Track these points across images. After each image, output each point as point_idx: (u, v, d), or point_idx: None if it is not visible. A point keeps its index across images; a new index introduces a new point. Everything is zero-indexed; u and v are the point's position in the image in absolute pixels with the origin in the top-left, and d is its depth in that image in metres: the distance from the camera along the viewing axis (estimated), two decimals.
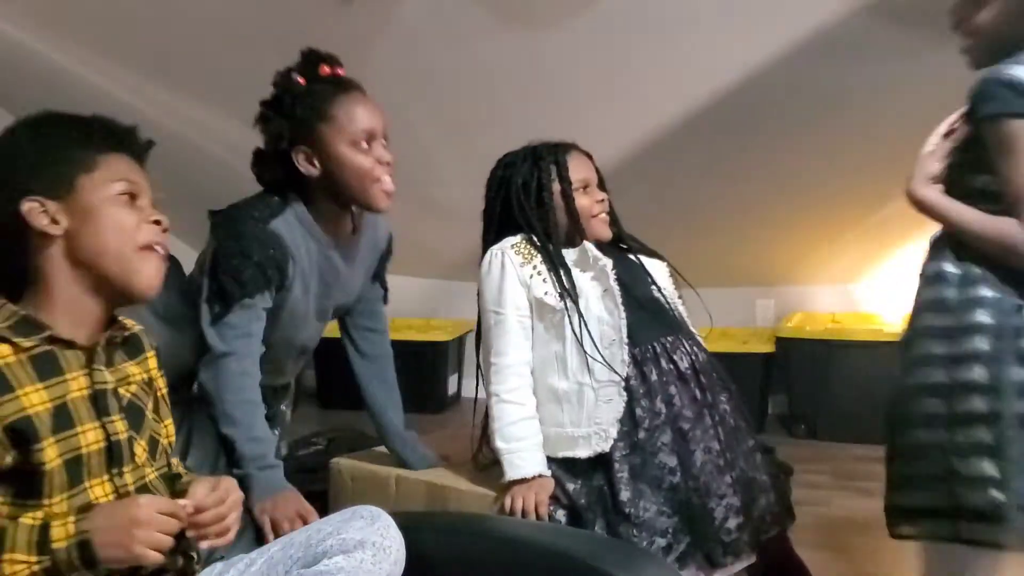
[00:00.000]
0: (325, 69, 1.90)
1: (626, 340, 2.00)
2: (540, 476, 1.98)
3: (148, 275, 1.38)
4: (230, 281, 1.83)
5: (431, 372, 4.64)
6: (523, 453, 2.00)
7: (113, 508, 1.25)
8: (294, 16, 3.28)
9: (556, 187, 2.11)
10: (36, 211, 1.33)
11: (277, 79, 1.91)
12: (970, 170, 1.67)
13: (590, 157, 2.20)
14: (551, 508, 1.95)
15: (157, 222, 1.40)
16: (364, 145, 1.88)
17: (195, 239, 2.07)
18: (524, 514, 1.94)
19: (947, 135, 1.72)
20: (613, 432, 1.96)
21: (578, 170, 2.14)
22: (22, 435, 1.23)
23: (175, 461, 1.51)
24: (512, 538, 1.68)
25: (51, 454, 1.25)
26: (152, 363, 1.48)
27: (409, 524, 1.48)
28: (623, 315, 2.02)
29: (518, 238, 2.11)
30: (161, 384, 1.50)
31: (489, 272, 2.09)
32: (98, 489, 1.30)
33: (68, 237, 1.34)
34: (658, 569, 1.61)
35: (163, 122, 3.90)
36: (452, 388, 4.85)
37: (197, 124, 3.95)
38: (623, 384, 1.98)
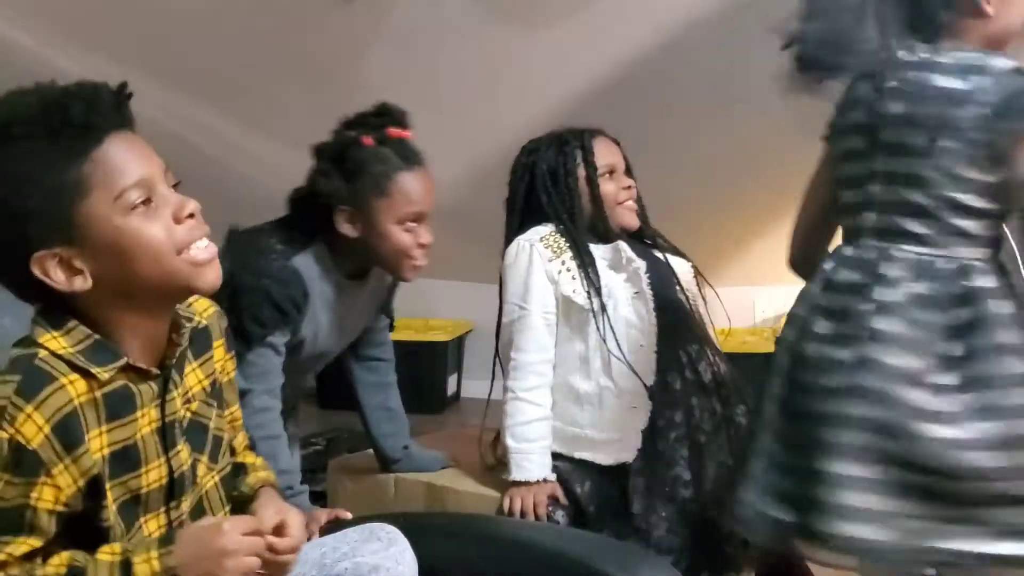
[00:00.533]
0: (394, 132, 1.88)
1: (655, 347, 1.97)
2: (543, 481, 1.96)
3: (206, 276, 1.18)
4: (250, 321, 1.81)
5: (430, 372, 4.62)
6: (530, 456, 1.98)
7: (198, 539, 1.13)
8: (294, 15, 3.28)
9: (581, 172, 2.07)
10: (51, 266, 1.10)
11: (345, 139, 1.87)
12: None
13: (618, 143, 2.16)
14: (550, 509, 1.94)
15: (191, 216, 1.16)
16: (410, 225, 1.87)
17: None
18: (523, 515, 1.94)
19: None
20: (637, 442, 1.93)
21: (604, 155, 2.10)
22: (96, 488, 1.13)
23: (240, 439, 1.42)
24: (512, 539, 1.68)
25: (110, 504, 1.14)
26: (219, 354, 1.33)
27: (409, 525, 1.47)
28: (654, 321, 1.97)
29: (548, 230, 2.06)
30: (230, 368, 1.37)
31: (515, 263, 2.04)
32: (152, 523, 1.21)
33: (99, 280, 1.12)
34: (657, 570, 1.60)
35: (161, 122, 3.89)
36: (452, 388, 4.85)
37: (196, 124, 3.94)
38: (647, 393, 1.95)
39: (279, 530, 1.21)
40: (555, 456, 2.01)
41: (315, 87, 3.54)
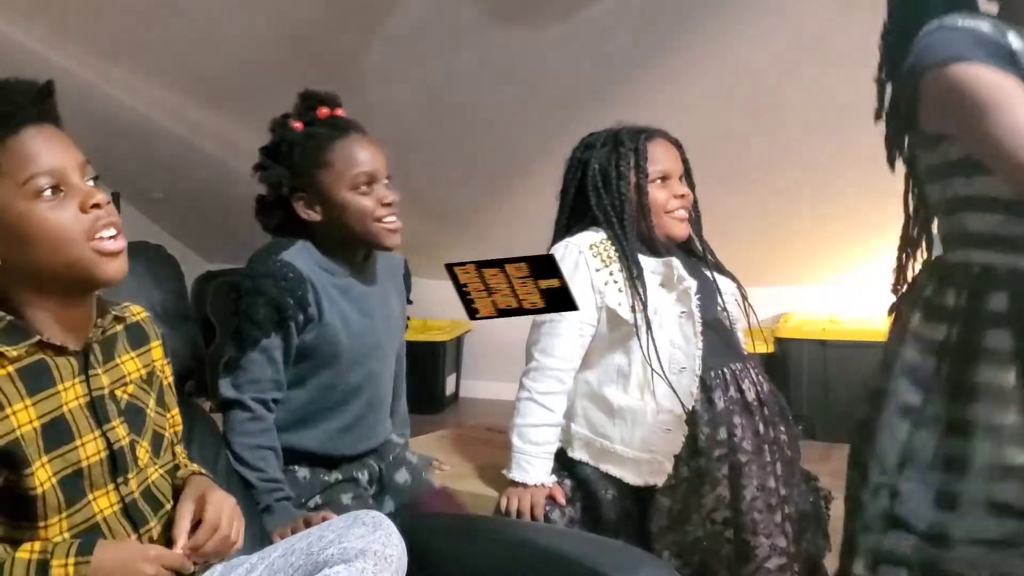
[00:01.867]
0: (323, 111, 1.87)
1: (699, 371, 1.93)
2: (542, 485, 1.97)
3: (109, 266, 1.21)
4: (246, 322, 1.80)
5: (429, 373, 4.64)
6: (533, 459, 1.97)
7: (118, 555, 1.18)
8: (290, 16, 3.28)
9: (632, 178, 2.01)
10: None
11: (274, 125, 1.88)
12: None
13: (679, 146, 2.09)
14: (547, 509, 1.95)
15: (97, 205, 1.19)
16: (364, 188, 1.84)
17: (200, 246, 2.06)
18: (519, 515, 1.94)
19: None
20: (668, 467, 1.90)
21: (659, 160, 2.03)
22: (12, 458, 1.16)
23: (179, 450, 1.47)
24: (510, 539, 1.68)
25: (41, 477, 1.17)
26: (156, 353, 1.41)
27: (406, 525, 1.47)
28: (700, 345, 1.93)
29: (599, 237, 2.00)
30: (167, 373, 1.43)
31: (560, 265, 2.00)
32: (103, 500, 1.25)
33: (6, 263, 1.17)
34: (656, 570, 1.60)
35: (161, 121, 3.90)
36: (450, 388, 4.86)
37: (195, 124, 3.94)
38: (685, 416, 1.91)
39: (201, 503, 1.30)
40: (582, 463, 2.00)
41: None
